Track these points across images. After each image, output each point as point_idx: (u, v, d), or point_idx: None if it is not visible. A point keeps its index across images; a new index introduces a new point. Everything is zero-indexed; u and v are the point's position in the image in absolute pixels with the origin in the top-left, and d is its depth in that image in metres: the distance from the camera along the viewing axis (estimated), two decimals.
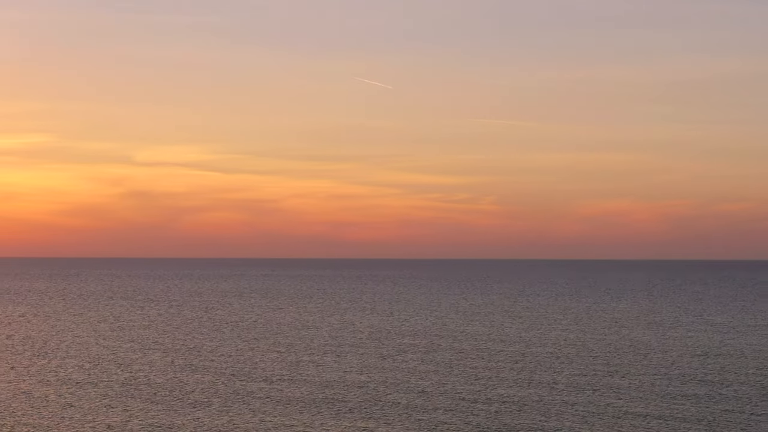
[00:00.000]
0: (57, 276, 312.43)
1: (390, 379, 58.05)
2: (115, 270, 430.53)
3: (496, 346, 78.83)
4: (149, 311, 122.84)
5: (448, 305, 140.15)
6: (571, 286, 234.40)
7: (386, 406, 48.37)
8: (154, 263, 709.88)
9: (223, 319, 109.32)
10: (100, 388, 53.86)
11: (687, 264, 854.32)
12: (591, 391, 53.86)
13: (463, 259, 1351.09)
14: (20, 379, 57.37)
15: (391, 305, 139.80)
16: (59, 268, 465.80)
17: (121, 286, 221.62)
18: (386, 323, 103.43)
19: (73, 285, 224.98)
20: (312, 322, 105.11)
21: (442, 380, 57.79)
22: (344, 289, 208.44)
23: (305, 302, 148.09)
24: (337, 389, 53.92)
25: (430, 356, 70.97)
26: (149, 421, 44.27)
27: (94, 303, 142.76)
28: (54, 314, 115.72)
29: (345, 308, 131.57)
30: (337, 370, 62.59)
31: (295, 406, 48.24)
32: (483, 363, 66.60)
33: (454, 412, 46.77)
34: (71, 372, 60.88)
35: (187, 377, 58.63)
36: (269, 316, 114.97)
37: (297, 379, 58.17)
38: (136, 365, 64.49)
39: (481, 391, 53.63)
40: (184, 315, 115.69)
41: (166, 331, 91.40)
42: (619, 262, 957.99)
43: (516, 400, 50.57)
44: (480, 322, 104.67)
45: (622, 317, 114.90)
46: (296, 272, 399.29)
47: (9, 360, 67.39)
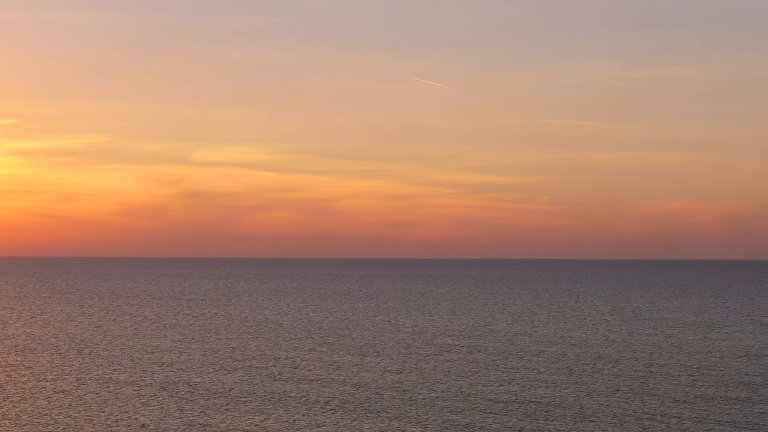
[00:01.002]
0: (111, 276, 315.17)
1: (428, 380, 57.98)
2: (169, 270, 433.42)
3: (539, 346, 78.49)
4: (196, 310, 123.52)
5: (496, 305, 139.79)
6: (623, 286, 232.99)
7: (420, 407, 48.29)
8: (209, 263, 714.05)
9: (269, 318, 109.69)
10: (138, 387, 54.20)
11: (745, 264, 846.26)
12: (628, 392, 53.48)
13: (518, 259, 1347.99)
14: (60, 378, 57.87)
15: (438, 305, 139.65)
16: (114, 268, 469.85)
17: (171, 285, 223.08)
18: (431, 323, 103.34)
19: (125, 284, 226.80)
20: (357, 321, 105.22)
21: (480, 381, 57.63)
22: (394, 288, 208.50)
23: (353, 302, 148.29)
24: (374, 389, 53.92)
25: (470, 356, 70.80)
26: (183, 420, 44.48)
27: (143, 302, 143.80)
28: (101, 313, 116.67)
29: (392, 308, 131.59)
30: (376, 370, 62.61)
31: (329, 407, 48.28)
32: (522, 364, 66.34)
33: (488, 414, 46.60)
34: (111, 371, 61.34)
35: (226, 377, 58.87)
36: (316, 315, 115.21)
37: (334, 379, 58.23)
38: (176, 364, 64.85)
39: (518, 392, 53.41)
40: (230, 314, 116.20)
41: (210, 331, 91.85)
42: (677, 262, 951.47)
43: (551, 401, 50.31)
44: (525, 323, 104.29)
45: (670, 317, 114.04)
46: (350, 272, 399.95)
47: (52, 359, 68.00)
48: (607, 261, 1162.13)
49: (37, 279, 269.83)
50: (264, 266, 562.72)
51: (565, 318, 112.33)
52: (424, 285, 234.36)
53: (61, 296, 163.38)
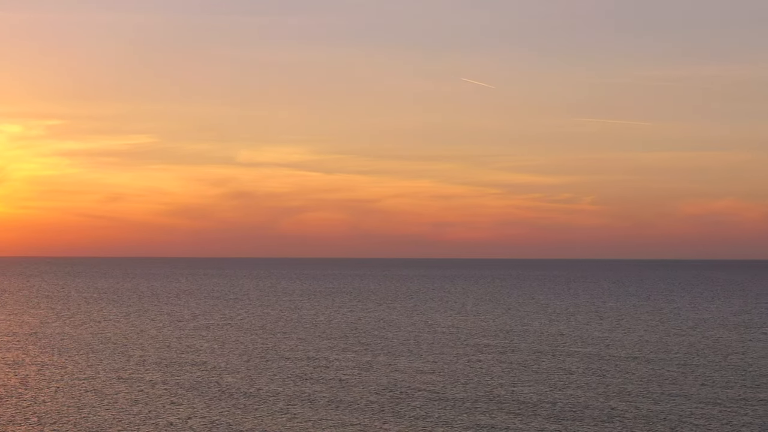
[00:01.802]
0: (153, 276, 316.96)
1: (460, 380, 57.92)
2: (213, 270, 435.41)
3: (573, 347, 78.20)
4: (236, 310, 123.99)
5: (535, 305, 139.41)
6: (665, 286, 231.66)
7: (447, 407, 48.25)
8: (253, 263, 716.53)
9: (307, 318, 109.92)
10: (169, 386, 54.49)
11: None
12: (659, 393, 53.17)
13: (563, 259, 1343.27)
14: (93, 378, 58.28)
15: (478, 305, 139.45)
16: (158, 268, 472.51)
17: (213, 285, 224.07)
18: (469, 323, 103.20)
19: (167, 285, 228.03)
20: (395, 322, 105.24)
21: (510, 381, 57.49)
22: (435, 288, 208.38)
23: (393, 302, 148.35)
24: (405, 389, 53.91)
25: (505, 356, 70.65)
26: (211, 419, 44.68)
27: (182, 302, 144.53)
28: (140, 313, 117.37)
29: (431, 308, 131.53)
30: (409, 370, 62.60)
31: (357, 407, 48.33)
32: (555, 364, 66.11)
33: (514, 415, 46.49)
34: (143, 371, 61.69)
35: (257, 377, 59.06)
36: (354, 316, 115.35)
37: (365, 379, 58.27)
38: (210, 364, 65.12)
39: (547, 392, 53.24)
40: (269, 314, 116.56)
41: (247, 330, 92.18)
42: (723, 262, 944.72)
43: (580, 402, 50.12)
44: (564, 323, 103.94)
45: (709, 318, 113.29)
46: (393, 272, 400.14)
47: (87, 358, 68.48)
48: (651, 261, 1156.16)
49: (80, 279, 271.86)
50: (307, 266, 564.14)
51: (602, 318, 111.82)
52: (464, 285, 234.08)
53: (102, 296, 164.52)
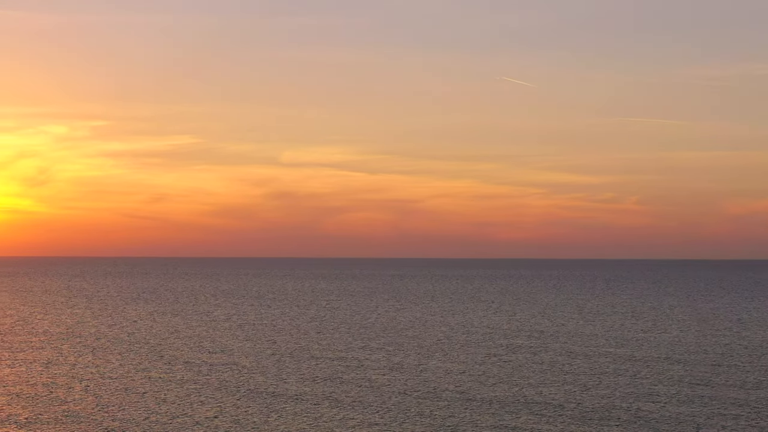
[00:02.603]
0: (194, 275, 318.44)
1: (488, 380, 57.86)
2: (255, 270, 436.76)
3: (607, 347, 77.91)
4: (274, 310, 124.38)
5: (572, 305, 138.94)
6: (706, 286, 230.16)
7: (475, 407, 48.24)
8: (297, 263, 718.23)
9: (344, 319, 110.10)
10: (199, 386, 54.79)
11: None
12: (689, 395, 52.91)
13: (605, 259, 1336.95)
14: (125, 376, 58.69)
15: (515, 305, 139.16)
16: (200, 268, 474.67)
17: (252, 285, 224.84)
18: (505, 323, 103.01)
19: (207, 284, 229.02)
20: (431, 322, 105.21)
21: (541, 382, 57.38)
22: (473, 288, 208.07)
23: (430, 302, 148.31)
24: (432, 390, 53.94)
25: (536, 357, 70.49)
26: (237, 418, 44.90)
27: (221, 302, 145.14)
28: (178, 313, 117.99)
29: (467, 308, 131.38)
30: (438, 370, 62.60)
31: (383, 407, 48.41)
32: (587, 365, 65.90)
33: (540, 416, 46.43)
34: (176, 369, 62.05)
35: (288, 376, 59.24)
36: (390, 316, 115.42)
37: (395, 379, 58.33)
38: (241, 363, 65.39)
39: (576, 393, 53.11)
40: (306, 314, 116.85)
41: (283, 330, 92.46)
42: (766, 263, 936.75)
43: (608, 404, 49.98)
44: (599, 323, 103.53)
45: (748, 318, 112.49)
46: (433, 272, 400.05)
47: (121, 357, 68.96)
48: (695, 261, 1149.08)
49: (122, 279, 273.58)
50: (349, 266, 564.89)
51: (638, 319, 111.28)
52: (503, 285, 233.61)
53: (140, 296, 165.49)
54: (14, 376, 58.14)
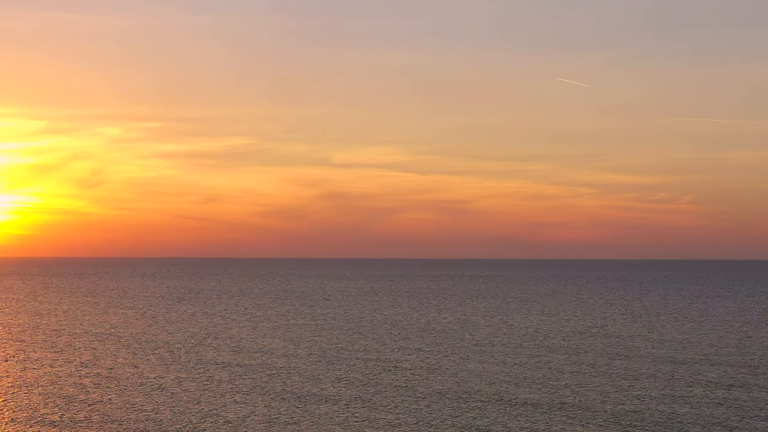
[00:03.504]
0: (244, 276, 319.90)
1: (526, 381, 57.74)
2: (305, 271, 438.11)
3: (648, 348, 77.49)
4: (317, 311, 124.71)
5: (618, 306, 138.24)
6: (759, 287, 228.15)
7: (506, 407, 48.17)
8: (348, 264, 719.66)
9: (386, 319, 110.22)
10: (235, 386, 55.08)
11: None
12: (726, 398, 52.53)
13: (659, 260, 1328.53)
14: (163, 377, 59.11)
15: (560, 306, 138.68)
16: (251, 269, 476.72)
17: (301, 286, 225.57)
18: (547, 324, 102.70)
19: (256, 285, 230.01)
20: (473, 322, 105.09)
21: (577, 383, 57.18)
22: (521, 289, 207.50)
23: (476, 302, 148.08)
24: (467, 391, 53.90)
25: (576, 358, 70.23)
26: (269, 418, 45.11)
27: (267, 303, 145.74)
28: (222, 313, 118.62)
29: (513, 309, 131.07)
30: (476, 371, 62.52)
31: (415, 408, 48.44)
32: (626, 366, 65.57)
33: (571, 417, 46.29)
34: (214, 370, 62.41)
35: (324, 377, 59.41)
36: (432, 316, 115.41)
37: (431, 380, 58.34)
38: (278, 364, 65.65)
39: (611, 394, 52.90)
40: (349, 314, 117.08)
41: (324, 330, 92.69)
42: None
43: (641, 407, 49.75)
44: (643, 324, 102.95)
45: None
46: (483, 272, 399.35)
47: (160, 357, 69.44)
48: (749, 262, 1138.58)
49: (171, 279, 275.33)
50: (399, 267, 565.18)
51: (685, 319, 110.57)
52: (552, 286, 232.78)
53: (188, 296, 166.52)
54: (51, 377, 58.73)
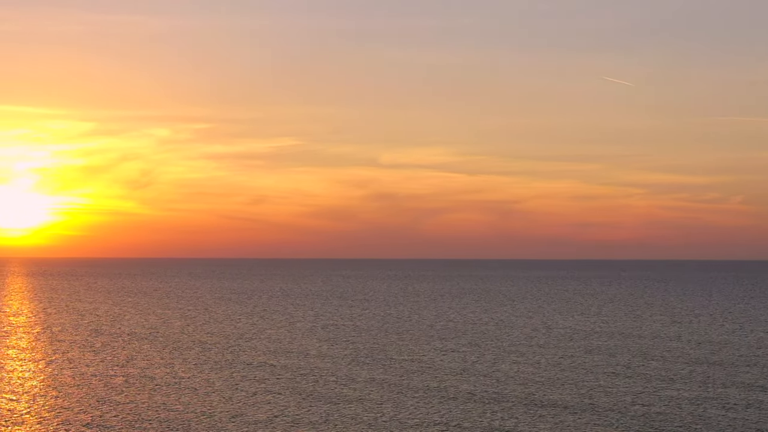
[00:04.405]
0: (291, 276, 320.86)
1: (559, 380, 57.58)
2: (351, 271, 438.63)
3: (685, 349, 77.01)
4: (359, 311, 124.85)
5: (661, 307, 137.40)
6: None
7: (537, 407, 48.05)
8: (395, 264, 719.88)
9: (426, 319, 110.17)
10: (267, 385, 55.28)
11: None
12: (759, 400, 52.10)
13: (709, 260, 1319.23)
14: (196, 376, 59.43)
15: (602, 306, 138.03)
16: (297, 269, 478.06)
17: (345, 286, 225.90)
18: (587, 324, 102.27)
19: (299, 286, 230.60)
20: (514, 323, 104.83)
21: (610, 383, 56.95)
22: (566, 290, 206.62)
23: (518, 303, 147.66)
24: (500, 390, 53.80)
25: (611, 359, 69.91)
26: (296, 418, 45.25)
27: (308, 303, 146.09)
28: (263, 314, 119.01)
29: (554, 309, 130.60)
30: (511, 371, 62.38)
31: (445, 407, 48.42)
32: (661, 367, 65.24)
33: (602, 418, 46.10)
34: (246, 370, 62.66)
35: (358, 377, 59.49)
36: (474, 317, 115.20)
37: (465, 380, 58.28)
38: (311, 365, 65.78)
39: (642, 395, 52.67)
40: (389, 315, 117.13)
41: (362, 331, 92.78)
42: None
43: (669, 409, 49.45)
44: (684, 325, 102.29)
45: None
46: (529, 273, 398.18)
47: (197, 357, 69.81)
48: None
49: (217, 280, 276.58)
50: (446, 268, 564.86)
51: (726, 320, 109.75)
52: (596, 286, 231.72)
53: (231, 296, 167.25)
54: (86, 377, 59.22)
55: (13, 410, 47.03)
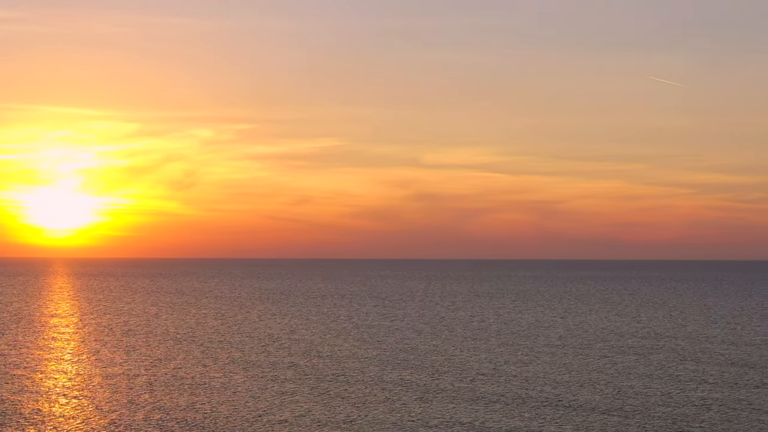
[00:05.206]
0: (332, 277, 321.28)
1: (587, 381, 57.25)
2: (392, 271, 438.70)
3: (720, 349, 76.41)
4: (394, 311, 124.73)
5: (699, 307, 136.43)
6: None
7: (565, 407, 47.78)
8: (437, 265, 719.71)
9: (463, 320, 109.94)
10: (296, 385, 55.32)
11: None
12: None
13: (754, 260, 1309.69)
14: (228, 375, 59.56)
15: (640, 307, 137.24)
16: (339, 269, 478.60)
17: (383, 287, 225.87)
18: (623, 325, 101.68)
19: (338, 286, 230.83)
20: (549, 323, 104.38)
21: (641, 383, 56.57)
22: (604, 290, 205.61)
23: (555, 304, 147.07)
24: (528, 389, 53.55)
25: (645, 359, 69.45)
26: (323, 418, 45.21)
27: (345, 303, 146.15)
28: (299, 314, 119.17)
29: (591, 310, 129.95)
30: (541, 370, 62.10)
31: (473, 407, 48.25)
32: (696, 368, 64.77)
33: (628, 418, 45.80)
34: (279, 370, 62.72)
35: (388, 377, 59.42)
36: (510, 317, 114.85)
37: (494, 380, 58.06)
38: (346, 364, 65.77)
39: (673, 395, 52.30)
40: (427, 316, 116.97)
41: (396, 331, 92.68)
42: None
43: (697, 410, 49.03)
44: (722, 326, 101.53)
45: None
46: (570, 274, 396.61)
47: (229, 356, 69.96)
48: None
49: (258, 280, 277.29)
50: (489, 268, 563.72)
51: (765, 322, 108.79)
52: (636, 287, 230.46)
53: (270, 297, 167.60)
54: (119, 377, 59.53)
55: (40, 410, 47.33)
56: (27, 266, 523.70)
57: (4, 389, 53.40)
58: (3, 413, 46.08)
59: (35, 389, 53.63)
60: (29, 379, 57.53)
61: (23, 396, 51.21)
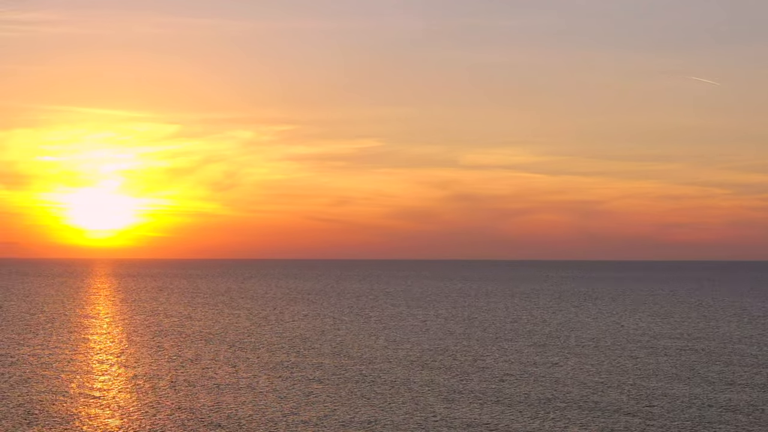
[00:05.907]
0: (368, 277, 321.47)
1: (618, 382, 57.04)
2: (430, 272, 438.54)
3: (753, 350, 75.91)
4: (427, 311, 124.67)
5: (735, 309, 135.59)
6: None
7: (589, 408, 47.61)
8: (476, 265, 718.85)
9: (496, 320, 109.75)
10: (324, 385, 55.40)
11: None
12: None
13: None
14: (256, 375, 59.73)
15: (674, 307, 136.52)
16: (376, 270, 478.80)
17: (418, 287, 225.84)
18: (658, 325, 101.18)
19: (373, 286, 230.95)
20: (582, 323, 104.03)
21: (669, 384, 56.31)
22: (641, 290, 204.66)
23: (590, 304, 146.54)
24: (554, 390, 53.40)
25: (675, 360, 69.11)
26: (347, 418, 45.25)
27: (380, 303, 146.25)
28: (332, 314, 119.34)
29: (627, 310, 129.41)
30: (570, 371, 61.90)
31: (497, 407, 48.17)
32: (726, 369, 64.40)
33: (651, 420, 45.59)
34: (307, 369, 62.81)
35: (414, 377, 59.40)
36: (543, 317, 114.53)
37: (521, 381, 57.92)
38: (376, 364, 65.82)
39: (700, 396, 51.99)
40: (460, 316, 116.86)
41: (428, 331, 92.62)
42: None
43: (723, 415, 48.73)
44: (756, 326, 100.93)
45: None
46: (609, 274, 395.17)
47: (259, 356, 70.16)
48: None
49: (295, 280, 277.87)
50: (528, 269, 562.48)
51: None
52: (674, 287, 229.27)
53: (304, 297, 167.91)
54: (147, 376, 59.84)
55: (68, 410, 47.63)
56: (68, 267, 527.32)
57: (33, 389, 53.81)
58: (30, 412, 46.43)
59: (63, 389, 53.98)
60: (58, 379, 57.93)
61: (51, 396, 51.58)
